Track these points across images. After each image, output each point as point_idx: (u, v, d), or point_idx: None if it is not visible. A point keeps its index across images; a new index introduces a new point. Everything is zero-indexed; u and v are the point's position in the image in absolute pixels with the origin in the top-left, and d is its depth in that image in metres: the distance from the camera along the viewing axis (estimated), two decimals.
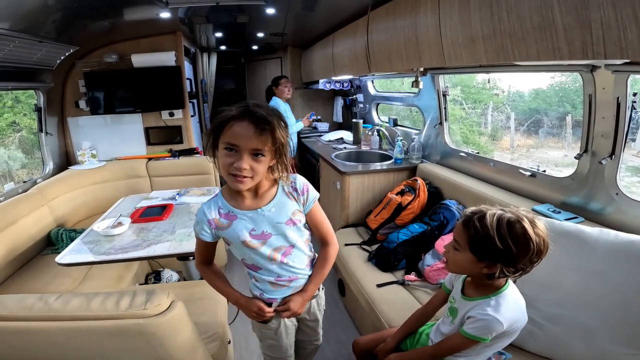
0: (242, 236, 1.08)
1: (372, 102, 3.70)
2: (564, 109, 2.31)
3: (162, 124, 3.41)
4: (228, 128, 0.96)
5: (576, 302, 1.27)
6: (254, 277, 1.19)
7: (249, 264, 1.16)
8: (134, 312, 1.06)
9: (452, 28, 1.53)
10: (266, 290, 1.18)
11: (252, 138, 0.95)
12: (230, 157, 0.97)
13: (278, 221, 1.10)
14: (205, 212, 1.09)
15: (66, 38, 2.51)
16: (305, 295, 1.20)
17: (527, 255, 0.97)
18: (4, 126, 4.36)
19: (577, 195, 1.63)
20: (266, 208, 1.09)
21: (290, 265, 1.15)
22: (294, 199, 1.13)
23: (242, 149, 0.96)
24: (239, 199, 1.09)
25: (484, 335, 1.04)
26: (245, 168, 0.97)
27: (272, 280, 1.16)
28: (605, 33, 0.95)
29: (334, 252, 1.24)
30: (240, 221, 1.08)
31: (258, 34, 3.74)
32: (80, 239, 1.89)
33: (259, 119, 0.95)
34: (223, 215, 1.09)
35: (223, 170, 1.01)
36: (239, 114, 0.96)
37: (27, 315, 1.05)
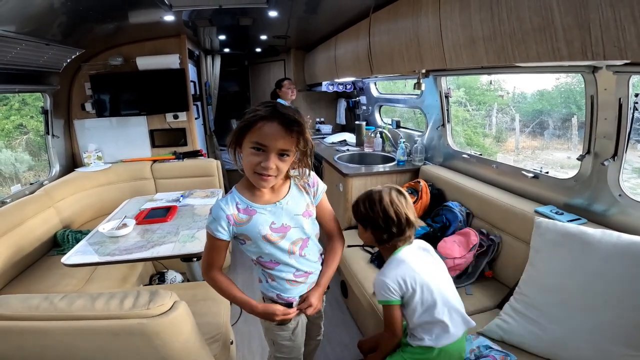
0: (262, 230, 1.08)
1: (375, 104, 3.71)
2: (569, 110, 2.30)
3: (166, 126, 3.44)
4: (257, 128, 0.97)
5: (579, 303, 1.26)
6: (270, 276, 1.18)
7: (266, 261, 1.15)
8: (138, 312, 1.07)
9: (453, 30, 1.53)
10: (283, 290, 1.18)
11: (280, 139, 0.97)
12: (257, 157, 0.99)
13: (296, 213, 1.12)
14: (222, 208, 1.07)
15: (72, 41, 2.55)
16: (320, 289, 1.23)
17: (384, 218, 1.20)
18: (11, 128, 4.42)
19: (580, 197, 1.62)
20: (284, 201, 1.11)
21: (307, 258, 1.17)
22: (305, 192, 1.16)
23: (270, 149, 0.98)
24: (258, 193, 1.10)
25: (385, 297, 1.21)
26: (272, 167, 0.99)
27: (290, 277, 1.16)
28: (604, 34, 0.95)
29: (341, 245, 1.28)
30: (260, 215, 1.08)
31: (261, 37, 3.76)
32: (86, 240, 1.91)
33: (289, 121, 0.97)
34: (242, 211, 1.08)
35: (248, 167, 1.02)
36: (269, 114, 0.97)
37: (33, 315, 1.06)
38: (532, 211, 1.67)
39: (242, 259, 3.24)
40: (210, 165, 3.21)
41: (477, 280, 1.81)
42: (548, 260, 1.38)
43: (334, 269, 1.26)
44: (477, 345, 1.36)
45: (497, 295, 1.71)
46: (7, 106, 4.39)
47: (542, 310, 1.34)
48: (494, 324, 1.44)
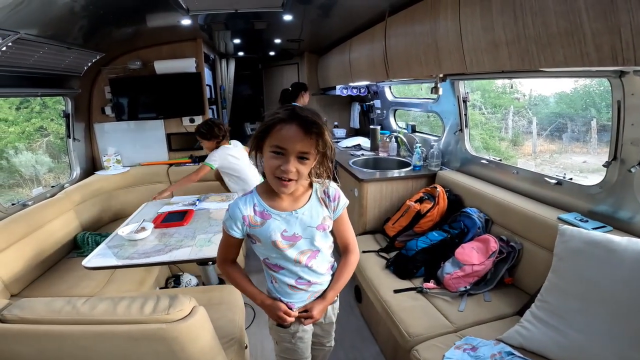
0: (273, 236, 1.08)
1: (390, 108, 3.68)
2: (589, 114, 2.24)
3: (183, 130, 3.49)
4: (276, 131, 0.97)
5: (603, 311, 1.23)
6: (274, 278, 1.18)
7: (272, 264, 1.15)
8: (158, 317, 1.08)
9: (474, 34, 1.51)
10: (283, 294, 1.18)
11: (299, 141, 0.96)
12: (277, 160, 0.98)
13: (310, 225, 1.11)
14: (240, 208, 1.08)
15: (92, 44, 2.61)
16: (325, 302, 1.21)
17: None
18: (32, 131, 4.53)
19: (605, 204, 1.57)
20: (300, 211, 1.10)
21: (313, 269, 1.16)
22: (325, 205, 1.14)
23: (290, 152, 0.97)
24: (276, 199, 1.10)
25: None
26: (292, 171, 0.98)
27: (291, 282, 1.16)
28: (635, 38, 0.92)
29: (355, 260, 1.25)
30: (274, 221, 1.08)
31: (275, 40, 3.78)
32: (106, 243, 1.94)
33: (308, 122, 0.96)
34: (258, 214, 1.09)
35: (268, 172, 1.02)
36: (287, 117, 0.96)
37: (56, 319, 1.08)
38: (555, 218, 1.64)
39: (255, 261, 3.25)
40: None
41: (495, 287, 1.78)
42: (572, 268, 1.36)
43: (344, 283, 1.24)
44: (499, 351, 1.35)
45: (516, 302, 1.69)
46: (28, 109, 4.52)
47: (565, 318, 1.31)
48: (514, 330, 1.42)
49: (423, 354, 1.43)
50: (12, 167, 4.36)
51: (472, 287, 1.78)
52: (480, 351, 1.37)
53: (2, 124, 4.31)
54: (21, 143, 4.44)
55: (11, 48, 1.87)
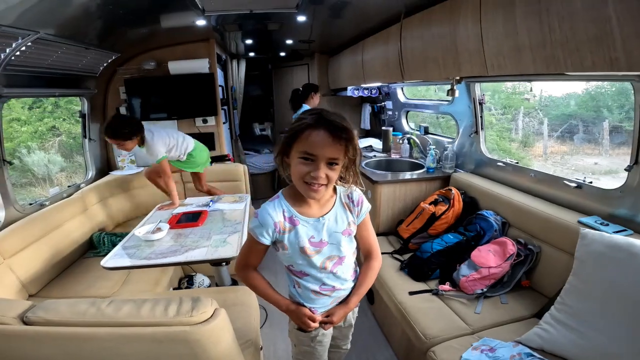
0: (302, 242, 1.08)
1: (402, 110, 3.66)
2: (600, 114, 2.21)
3: (195, 130, 3.50)
4: (304, 137, 0.96)
5: (625, 313, 1.23)
6: (297, 283, 1.18)
7: (296, 271, 1.15)
8: (181, 319, 1.08)
9: (496, 37, 1.50)
10: (307, 299, 1.18)
11: (329, 147, 0.95)
12: (306, 166, 0.97)
13: (335, 230, 1.11)
14: (271, 215, 1.06)
15: (108, 45, 2.64)
16: (347, 308, 1.21)
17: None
18: (44, 130, 4.58)
19: (626, 208, 1.56)
20: (326, 217, 1.10)
21: (338, 275, 1.15)
22: (349, 210, 1.14)
23: (319, 158, 0.96)
24: (303, 205, 1.09)
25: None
26: (322, 177, 0.97)
27: (315, 288, 1.15)
28: None
29: (378, 266, 1.25)
30: (302, 227, 1.08)
31: (286, 41, 3.78)
32: (123, 243, 1.96)
33: (337, 128, 0.94)
34: (287, 219, 1.07)
35: (297, 177, 1.01)
36: (315, 122, 0.95)
37: (81, 321, 1.09)
38: (574, 221, 1.63)
39: (266, 263, 3.24)
40: (238, 170, 3.24)
41: (512, 289, 1.78)
42: (594, 272, 1.35)
43: (367, 289, 1.23)
44: (518, 352, 1.36)
45: (533, 304, 1.68)
46: (41, 108, 4.57)
47: (586, 320, 1.31)
48: (534, 332, 1.42)
49: (440, 355, 1.43)
50: (24, 166, 4.41)
51: (488, 289, 1.77)
52: (498, 352, 1.37)
53: (15, 123, 4.36)
54: (34, 142, 4.48)
55: (30, 48, 1.90)
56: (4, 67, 1.87)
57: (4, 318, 1.06)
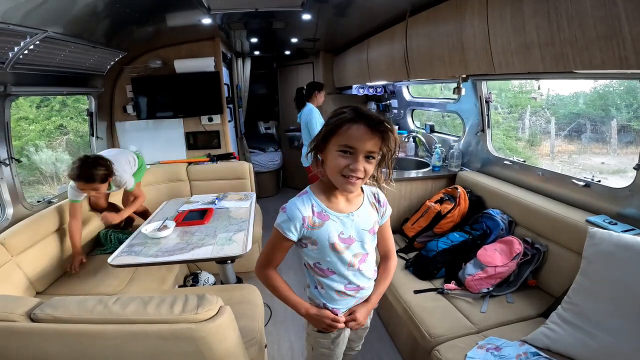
0: (332, 238, 1.07)
1: (407, 108, 3.65)
2: (609, 113, 2.19)
3: (201, 129, 3.52)
4: (344, 130, 0.97)
5: (633, 313, 1.22)
6: (321, 284, 1.16)
7: (323, 268, 1.13)
8: (187, 316, 1.09)
9: (503, 35, 1.48)
10: (330, 300, 1.17)
11: (368, 140, 0.96)
12: (345, 159, 0.98)
13: (363, 228, 1.11)
14: (299, 209, 1.05)
15: (115, 44, 2.65)
16: (370, 305, 1.21)
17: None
18: (52, 129, 4.63)
19: (635, 207, 1.55)
20: (355, 213, 1.10)
21: (363, 272, 1.16)
22: (375, 209, 1.15)
23: (359, 151, 0.97)
24: (333, 200, 1.09)
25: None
26: (361, 169, 0.98)
27: (340, 288, 1.14)
28: None
29: (394, 266, 1.27)
30: (332, 222, 1.07)
31: (291, 39, 3.78)
32: (129, 241, 1.98)
33: (376, 122, 0.96)
34: (316, 214, 1.07)
35: (334, 171, 1.01)
36: (355, 116, 0.97)
37: (89, 318, 1.09)
38: (582, 220, 1.62)
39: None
40: (243, 168, 3.25)
41: (519, 288, 1.77)
42: (602, 271, 1.35)
43: (385, 288, 1.25)
44: (524, 351, 1.35)
45: (540, 304, 1.68)
46: (48, 107, 4.61)
47: (593, 320, 1.31)
48: (540, 332, 1.42)
49: (445, 354, 1.43)
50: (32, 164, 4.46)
51: (494, 288, 1.76)
52: (504, 351, 1.37)
53: (22, 122, 4.41)
54: (41, 141, 4.53)
55: (38, 46, 1.91)
56: (12, 65, 1.89)
57: (12, 315, 1.07)
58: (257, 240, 2.85)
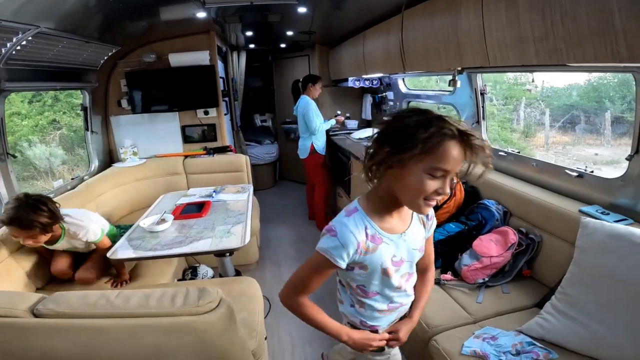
0: (385, 263, 0.95)
1: (403, 100, 3.66)
2: (602, 105, 2.22)
3: (197, 122, 3.52)
4: (443, 150, 0.79)
5: (626, 304, 1.24)
6: (360, 303, 1.03)
7: (368, 291, 1.01)
8: (188, 309, 1.10)
9: (498, 29, 1.49)
10: (370, 318, 1.05)
11: (460, 160, 0.81)
12: (435, 183, 0.81)
13: (414, 247, 1.00)
14: (354, 233, 0.89)
15: (109, 38, 2.63)
16: (412, 322, 1.12)
17: None
18: (45, 124, 4.58)
19: (626, 197, 1.57)
20: (407, 232, 0.98)
21: (406, 291, 1.06)
22: (422, 225, 1.05)
23: (450, 173, 0.82)
24: (387, 219, 0.95)
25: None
26: (447, 193, 0.84)
27: (383, 307, 1.03)
28: None
29: (433, 277, 1.21)
30: (385, 245, 0.94)
31: (287, 33, 3.76)
32: (128, 235, 1.99)
33: (466, 137, 0.80)
34: (370, 238, 0.91)
35: (415, 194, 0.83)
36: (456, 133, 0.79)
37: (92, 313, 1.10)
38: (575, 210, 1.64)
39: (268, 253, 3.31)
40: (240, 161, 3.26)
41: (513, 279, 1.79)
42: (594, 261, 1.36)
43: (426, 301, 1.16)
44: (520, 341, 1.38)
45: (534, 294, 1.70)
46: (41, 102, 4.56)
47: (586, 310, 1.32)
48: (535, 322, 1.43)
49: (442, 343, 1.45)
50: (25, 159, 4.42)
51: (490, 279, 1.79)
52: (500, 341, 1.39)
53: (15, 117, 4.36)
54: (35, 136, 4.49)
55: (31, 42, 1.89)
56: (5, 61, 1.87)
57: (15, 311, 1.08)
58: (255, 233, 2.87)
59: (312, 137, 3.49)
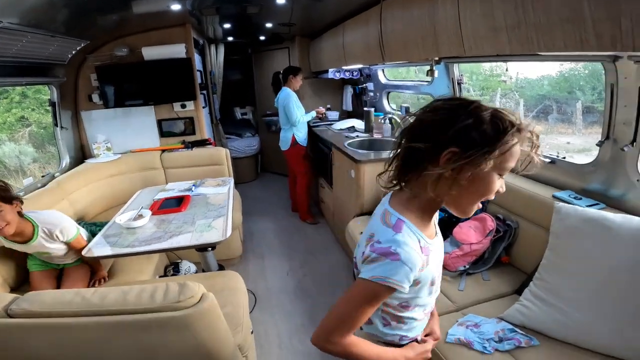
0: (434, 274, 0.85)
1: (383, 91, 3.68)
2: (574, 95, 2.29)
3: (174, 115, 3.43)
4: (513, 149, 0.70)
5: (601, 288, 1.27)
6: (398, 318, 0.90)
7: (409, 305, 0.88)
8: (169, 304, 1.09)
9: (473, 19, 1.51)
10: (409, 330, 0.94)
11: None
12: (498, 182, 0.74)
13: (445, 250, 1.00)
14: (416, 251, 0.75)
15: (77, 32, 2.52)
16: (436, 317, 1.06)
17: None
18: (13, 121, 4.39)
19: (598, 182, 1.63)
20: (438, 234, 0.89)
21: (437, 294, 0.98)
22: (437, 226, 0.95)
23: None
24: (427, 225, 0.83)
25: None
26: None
27: (421, 316, 0.94)
28: (635, 26, 0.95)
29: None
30: (433, 255, 0.83)
31: (266, 25, 3.71)
32: (103, 232, 1.93)
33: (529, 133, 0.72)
34: (424, 251, 0.79)
35: (478, 197, 0.75)
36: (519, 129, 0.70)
37: (66, 311, 1.08)
38: (549, 196, 1.68)
39: (252, 246, 3.29)
40: (219, 154, 3.21)
41: (493, 266, 1.82)
42: (569, 246, 1.39)
43: None
44: (502, 328, 1.40)
45: (514, 280, 1.73)
46: (8, 99, 4.36)
47: (563, 296, 1.34)
48: (515, 309, 1.45)
49: None
50: None
51: (470, 266, 1.82)
52: (483, 328, 1.41)
53: None
54: (2, 134, 4.30)
55: None
56: None
57: None
58: (238, 227, 2.84)
59: (293, 128, 3.48)
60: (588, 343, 1.28)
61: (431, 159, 0.72)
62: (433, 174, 0.71)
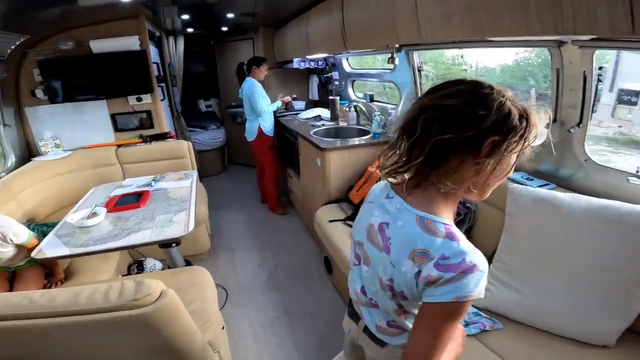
0: None
1: (348, 79, 3.69)
2: (528, 83, 2.40)
3: (129, 109, 3.27)
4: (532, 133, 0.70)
5: (555, 268, 1.31)
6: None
7: None
8: (125, 303, 1.04)
9: (429, 4, 1.53)
10: None
11: None
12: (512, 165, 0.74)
13: None
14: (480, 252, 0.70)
15: (15, 27, 2.34)
16: None
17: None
18: None
19: (548, 163, 1.71)
20: None
21: None
22: None
23: None
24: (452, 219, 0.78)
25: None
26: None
27: None
28: (576, 11, 0.99)
29: None
30: None
31: (228, 15, 3.59)
32: (55, 232, 1.83)
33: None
34: None
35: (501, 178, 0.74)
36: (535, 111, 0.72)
37: (12, 314, 1.02)
38: None
39: (220, 240, 3.23)
40: (181, 147, 3.10)
41: None
42: (523, 226, 1.43)
43: None
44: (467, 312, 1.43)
45: None
46: None
47: (521, 277, 1.37)
48: None
49: None
50: None
51: None
52: None
53: None
54: None
55: None
56: None
57: None
58: (204, 220, 2.77)
59: (259, 119, 3.42)
60: (546, 322, 1.31)
61: (471, 151, 0.66)
62: (479, 167, 0.67)
